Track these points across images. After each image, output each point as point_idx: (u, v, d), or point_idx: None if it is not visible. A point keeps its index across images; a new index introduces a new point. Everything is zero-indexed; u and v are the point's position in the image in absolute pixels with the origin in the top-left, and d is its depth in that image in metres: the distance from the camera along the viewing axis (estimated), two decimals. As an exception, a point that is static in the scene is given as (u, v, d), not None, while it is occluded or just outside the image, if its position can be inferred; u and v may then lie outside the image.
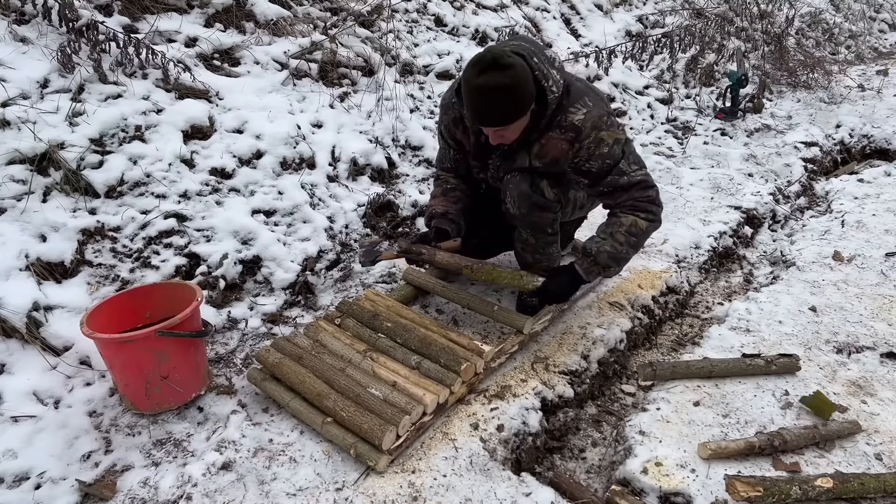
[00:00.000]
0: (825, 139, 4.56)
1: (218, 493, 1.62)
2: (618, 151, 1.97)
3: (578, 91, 1.97)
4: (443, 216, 2.27)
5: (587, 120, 1.93)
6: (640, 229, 2.06)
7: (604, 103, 2.01)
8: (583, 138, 1.94)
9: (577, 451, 2.00)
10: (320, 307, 2.47)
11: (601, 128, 1.95)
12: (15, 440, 1.70)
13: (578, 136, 1.94)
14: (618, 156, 1.98)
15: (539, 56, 1.87)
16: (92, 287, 2.14)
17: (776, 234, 3.44)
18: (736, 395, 1.98)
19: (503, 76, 1.74)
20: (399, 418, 1.70)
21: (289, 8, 3.60)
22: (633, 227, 2.05)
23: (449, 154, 2.32)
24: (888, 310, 2.44)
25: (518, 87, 1.78)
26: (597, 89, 2.12)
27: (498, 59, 1.75)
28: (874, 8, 8.40)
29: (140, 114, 2.60)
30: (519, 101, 1.82)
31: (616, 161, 1.98)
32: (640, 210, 2.05)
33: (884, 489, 1.60)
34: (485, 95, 1.78)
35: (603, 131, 1.95)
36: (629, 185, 2.02)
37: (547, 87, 1.86)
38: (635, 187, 2.02)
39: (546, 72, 1.86)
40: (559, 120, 1.95)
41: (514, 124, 1.88)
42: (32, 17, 2.70)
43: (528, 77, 1.81)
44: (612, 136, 1.96)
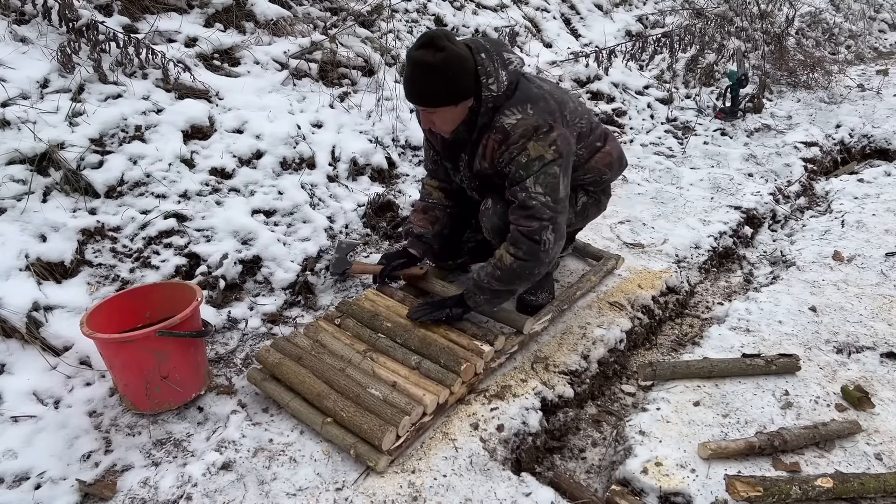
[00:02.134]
0: (825, 139, 4.56)
1: (218, 493, 1.62)
2: (534, 167, 1.87)
3: (525, 96, 1.90)
4: (418, 238, 2.30)
5: (518, 126, 1.86)
6: (504, 265, 1.97)
7: (551, 116, 1.89)
8: (510, 143, 1.88)
9: (577, 451, 2.00)
10: (320, 307, 2.47)
11: (530, 138, 1.86)
12: (15, 440, 1.70)
13: (506, 139, 1.89)
14: (531, 171, 1.87)
15: (491, 54, 1.84)
16: (92, 287, 2.14)
17: (776, 234, 3.44)
18: (736, 395, 1.98)
19: (433, 56, 1.74)
20: (399, 419, 1.70)
21: (289, 8, 3.60)
22: (499, 262, 1.98)
23: (429, 154, 2.30)
24: (888, 310, 2.44)
25: (446, 71, 1.75)
26: (560, 102, 1.98)
27: (436, 40, 1.75)
28: (874, 8, 8.39)
29: (140, 114, 2.60)
30: (444, 85, 1.78)
31: (527, 175, 1.88)
32: (512, 243, 1.95)
33: (884, 489, 1.60)
34: (414, 70, 1.78)
35: (531, 141, 1.86)
36: (522, 204, 1.91)
37: (485, 83, 1.83)
38: (525, 210, 1.91)
39: (491, 69, 1.83)
40: (495, 121, 1.90)
41: (440, 111, 1.85)
42: (32, 17, 2.70)
43: (466, 68, 1.79)
44: (537, 149, 1.86)
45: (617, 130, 4.47)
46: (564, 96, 2.07)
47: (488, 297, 2.08)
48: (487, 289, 2.04)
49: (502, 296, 2.09)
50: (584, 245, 2.83)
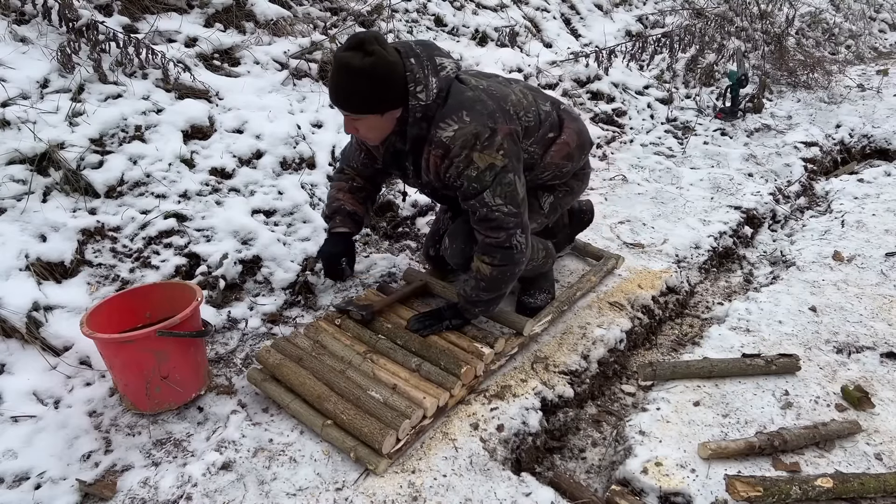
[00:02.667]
0: (825, 139, 4.56)
1: (218, 493, 1.62)
2: (487, 178, 1.78)
3: (458, 103, 1.77)
4: (350, 216, 2.22)
5: (457, 138, 1.75)
6: (485, 276, 1.94)
7: (491, 119, 1.78)
8: (452, 156, 1.77)
9: (577, 451, 2.00)
10: (320, 307, 2.47)
11: (473, 148, 1.75)
12: (15, 440, 1.70)
13: (447, 153, 1.78)
14: (486, 183, 1.79)
15: (421, 59, 1.72)
16: (92, 287, 2.14)
17: (776, 234, 3.44)
18: (736, 395, 1.98)
19: (361, 60, 1.63)
20: (399, 422, 1.70)
21: (289, 8, 3.60)
22: (478, 274, 1.96)
23: (358, 156, 2.18)
24: (888, 310, 2.44)
25: (373, 76, 1.64)
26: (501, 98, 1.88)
27: (365, 43, 1.64)
28: (874, 8, 8.39)
29: (140, 114, 2.60)
30: (368, 92, 1.68)
31: (482, 188, 1.80)
32: (485, 253, 1.92)
33: (884, 489, 1.60)
34: (338, 71, 1.67)
35: (475, 152, 1.75)
36: (484, 218, 1.85)
37: (413, 91, 1.71)
38: (489, 223, 1.86)
39: (420, 76, 1.71)
40: (431, 135, 1.78)
41: (364, 119, 1.75)
42: (32, 17, 2.70)
43: (395, 75, 1.68)
44: (485, 159, 1.76)
45: (617, 130, 4.47)
46: (505, 89, 1.94)
47: (483, 307, 2.08)
48: (478, 301, 2.04)
49: (495, 301, 2.08)
50: (584, 245, 2.83)
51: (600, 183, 3.72)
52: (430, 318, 2.13)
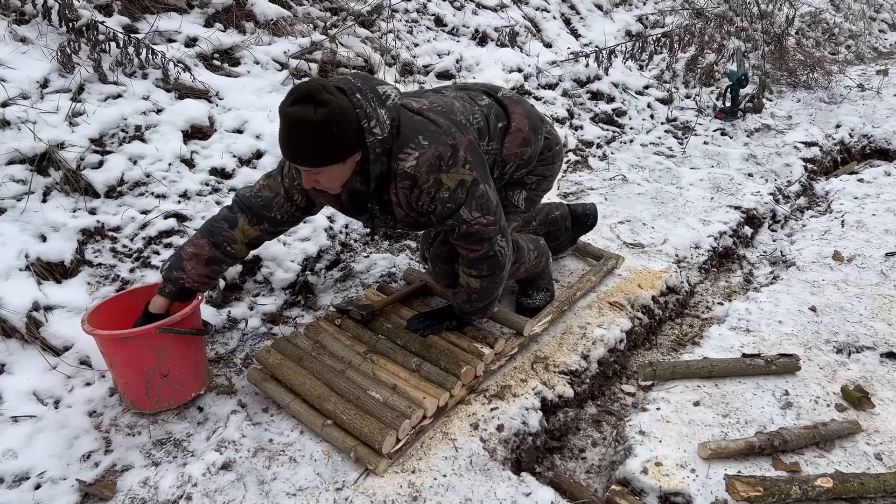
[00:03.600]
0: (825, 139, 4.56)
1: (218, 493, 1.62)
2: (460, 195, 1.74)
3: (410, 130, 1.70)
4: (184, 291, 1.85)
5: (421, 165, 1.68)
6: (475, 288, 1.95)
7: (447, 135, 1.72)
8: (420, 184, 1.70)
9: (577, 451, 2.00)
10: (320, 307, 2.47)
11: (440, 170, 1.70)
12: (15, 440, 1.70)
13: (415, 182, 1.70)
14: (460, 200, 1.74)
15: (365, 93, 1.63)
16: (92, 287, 2.14)
17: (776, 234, 3.44)
18: (736, 394, 1.98)
19: (314, 112, 1.52)
20: (399, 423, 1.70)
21: (289, 8, 3.60)
22: (468, 287, 1.97)
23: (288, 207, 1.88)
24: (888, 310, 2.44)
25: (330, 128, 1.54)
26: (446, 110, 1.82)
27: (314, 93, 1.52)
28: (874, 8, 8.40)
29: (140, 114, 2.60)
30: (330, 144, 1.57)
31: (458, 206, 1.75)
32: (470, 266, 1.91)
33: (884, 489, 1.60)
34: (293, 129, 1.56)
35: (442, 174, 1.70)
36: (464, 234, 1.81)
37: (368, 128, 1.61)
38: (469, 238, 1.82)
39: (370, 111, 1.61)
40: (394, 168, 1.70)
41: (325, 170, 1.63)
42: (32, 17, 2.70)
43: (349, 120, 1.57)
44: (453, 178, 1.71)
45: (617, 130, 4.47)
46: (445, 100, 1.88)
47: (479, 314, 2.09)
48: (473, 310, 2.05)
49: (490, 306, 2.07)
50: (584, 245, 2.83)
51: (600, 183, 3.72)
52: (430, 319, 2.13)
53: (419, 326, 2.10)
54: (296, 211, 1.90)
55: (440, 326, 2.10)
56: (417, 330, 2.09)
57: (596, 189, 3.63)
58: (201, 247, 1.84)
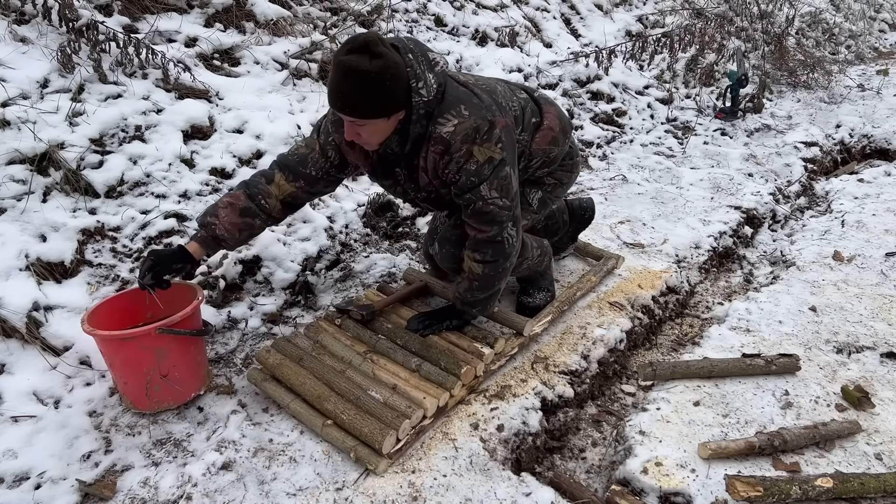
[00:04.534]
0: (825, 139, 4.56)
1: (218, 493, 1.62)
2: (486, 171, 1.77)
3: (455, 98, 1.75)
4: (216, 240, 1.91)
5: (458, 132, 1.72)
6: (477, 275, 1.95)
7: (488, 111, 1.77)
8: (453, 151, 1.74)
9: (577, 451, 2.00)
10: (320, 307, 2.47)
11: (474, 141, 1.73)
12: (15, 440, 1.70)
13: (448, 148, 1.74)
14: (483, 175, 1.77)
15: (417, 56, 1.67)
16: (92, 287, 2.14)
17: (776, 234, 3.44)
18: (736, 394, 1.98)
19: (370, 63, 1.54)
20: (399, 423, 1.70)
21: (289, 8, 3.60)
22: (470, 274, 1.97)
23: (323, 164, 1.94)
24: (888, 310, 2.44)
25: (383, 80, 1.57)
26: (491, 91, 1.88)
27: (371, 45, 1.55)
28: (874, 8, 8.39)
29: (140, 114, 2.60)
30: (380, 96, 1.60)
31: (480, 181, 1.78)
32: (475, 250, 1.92)
33: (884, 489, 1.60)
34: (346, 77, 1.57)
35: (475, 146, 1.73)
36: (479, 211, 1.83)
37: (415, 87, 1.66)
38: (482, 217, 1.84)
39: (419, 72, 1.66)
40: (431, 131, 1.74)
41: (370, 123, 1.66)
42: (32, 17, 2.70)
43: (400, 76, 1.61)
44: (484, 153, 1.75)
45: (617, 130, 4.47)
46: (490, 82, 1.95)
47: (480, 307, 2.09)
48: (474, 301, 2.05)
49: (491, 300, 2.08)
50: (584, 245, 2.83)
51: (600, 183, 3.72)
52: (430, 319, 2.13)
53: (419, 326, 2.10)
54: (329, 167, 1.96)
55: (440, 326, 2.10)
56: (417, 330, 2.08)
57: (596, 189, 3.63)
58: (237, 197, 1.93)
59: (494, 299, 2.10)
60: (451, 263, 2.10)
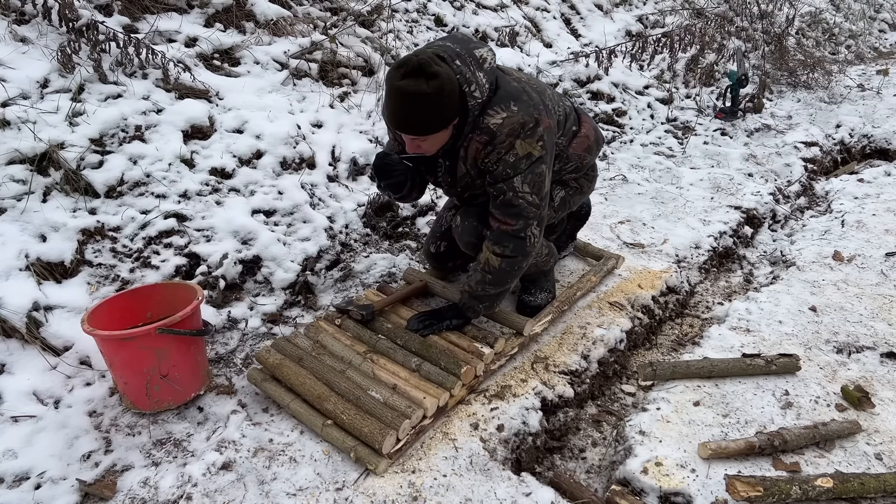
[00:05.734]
0: (825, 139, 4.56)
1: (218, 493, 1.62)
2: (522, 166, 1.83)
3: (507, 93, 1.83)
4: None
5: (505, 125, 1.80)
6: (493, 267, 1.97)
7: (536, 110, 1.84)
8: (496, 143, 1.82)
9: (577, 451, 2.00)
10: (320, 307, 2.47)
11: (518, 135, 1.81)
12: (15, 440, 1.70)
13: (493, 139, 1.82)
14: (520, 169, 1.84)
15: (464, 58, 1.75)
16: (92, 287, 2.14)
17: (776, 233, 3.44)
18: (736, 394, 1.98)
19: (426, 85, 1.63)
20: (399, 422, 1.70)
21: (289, 8, 3.60)
22: (486, 266, 1.98)
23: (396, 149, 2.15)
24: (888, 310, 2.44)
25: (441, 99, 1.67)
26: (540, 91, 1.95)
27: (424, 66, 1.63)
28: (874, 8, 8.40)
29: (140, 114, 2.60)
30: (440, 113, 1.71)
31: (515, 173, 1.84)
32: (496, 242, 1.94)
33: (884, 489, 1.60)
34: (405, 101, 1.67)
35: (518, 139, 1.81)
36: (507, 202, 1.88)
37: (469, 92, 1.74)
38: (509, 209, 1.89)
39: (469, 76, 1.74)
40: (479, 121, 1.83)
41: (433, 136, 1.77)
42: (32, 17, 2.70)
43: (454, 89, 1.70)
44: (525, 147, 1.82)
45: (617, 130, 4.47)
46: (541, 84, 2.03)
47: (487, 303, 2.10)
48: (483, 295, 2.06)
49: (500, 297, 2.10)
50: (584, 245, 2.83)
51: (600, 183, 3.72)
52: (430, 318, 2.13)
53: (419, 326, 2.10)
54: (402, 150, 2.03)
55: (440, 326, 2.10)
56: (417, 329, 2.09)
57: (596, 189, 3.63)
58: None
59: (502, 298, 2.12)
60: (471, 237, 2.09)
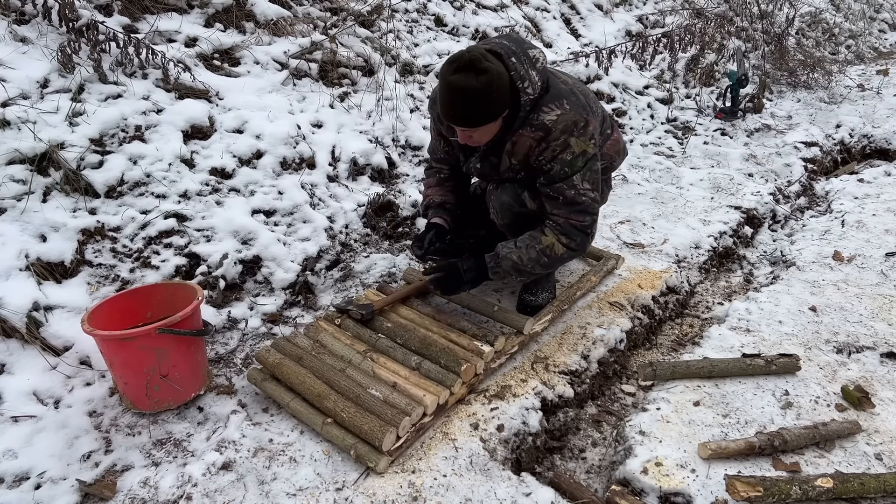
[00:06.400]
0: (825, 139, 4.56)
1: (218, 493, 1.62)
2: (579, 163, 1.92)
3: (558, 92, 1.92)
4: (440, 206, 2.29)
5: (559, 122, 1.87)
6: (555, 254, 2.03)
7: (584, 111, 1.93)
8: (551, 139, 1.89)
9: (577, 451, 2.00)
10: (320, 307, 2.47)
11: (572, 133, 1.89)
12: (15, 440, 1.70)
13: (547, 136, 1.89)
14: (577, 167, 1.92)
15: (519, 56, 1.83)
16: (92, 287, 2.14)
17: (776, 234, 3.44)
18: (736, 395, 1.98)
19: (476, 80, 1.72)
20: (399, 420, 1.70)
21: (289, 8, 3.60)
22: (548, 250, 2.02)
23: (440, 145, 2.29)
24: (888, 310, 2.44)
25: (490, 93, 1.75)
26: (585, 94, 2.05)
27: (475, 62, 1.72)
28: (874, 8, 8.39)
29: (140, 114, 2.60)
30: (489, 107, 1.79)
31: (573, 171, 1.92)
32: (564, 233, 2.00)
33: (884, 489, 1.60)
34: (456, 95, 1.76)
35: (573, 137, 1.89)
36: (571, 201, 1.96)
37: (522, 88, 1.83)
38: (575, 207, 1.97)
39: (523, 73, 1.83)
40: (532, 118, 1.90)
41: (483, 128, 1.86)
42: (32, 17, 2.70)
43: (504, 83, 1.78)
44: (580, 145, 1.90)
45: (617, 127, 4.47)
46: (585, 88, 2.12)
47: (525, 277, 2.19)
48: (529, 272, 2.09)
49: (538, 276, 2.20)
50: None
51: (600, 183, 3.72)
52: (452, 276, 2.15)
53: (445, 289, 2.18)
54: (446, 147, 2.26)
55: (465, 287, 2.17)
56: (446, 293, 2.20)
57: (596, 189, 3.63)
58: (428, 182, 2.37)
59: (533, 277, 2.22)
60: (509, 198, 2.13)
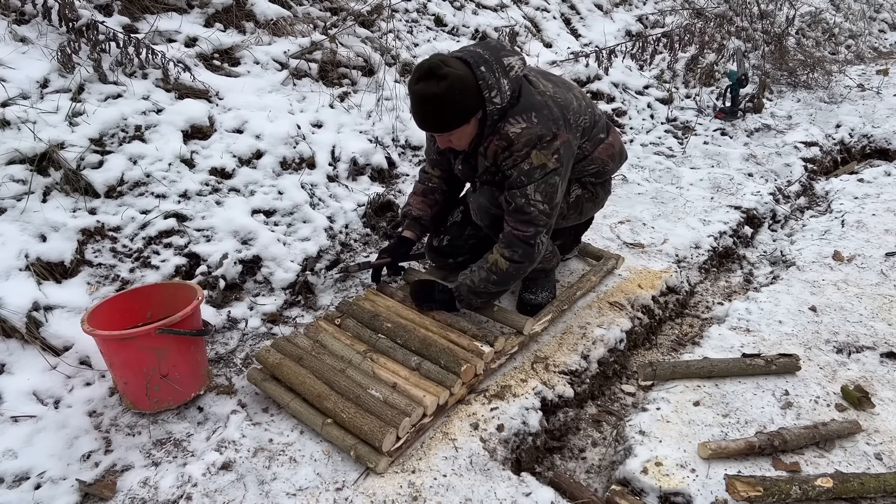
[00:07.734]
0: (825, 139, 4.56)
1: (218, 493, 1.62)
2: (536, 175, 1.93)
3: (529, 104, 1.93)
4: (416, 220, 2.37)
5: (522, 135, 1.89)
6: (500, 270, 2.05)
7: (555, 124, 1.93)
8: (514, 150, 1.92)
9: (577, 451, 2.00)
10: (320, 307, 2.47)
11: (535, 146, 1.91)
12: (15, 440, 1.70)
13: (510, 146, 1.92)
14: (534, 178, 1.93)
15: (490, 64, 1.85)
16: (92, 287, 2.14)
17: (776, 233, 3.44)
18: (736, 394, 1.98)
19: (437, 86, 1.77)
20: (399, 420, 1.70)
21: (289, 8, 3.60)
22: (494, 266, 2.06)
23: (432, 146, 2.31)
24: (888, 310, 2.44)
25: (453, 96, 1.79)
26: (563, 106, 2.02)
27: (434, 69, 1.77)
28: (874, 8, 8.39)
29: (140, 114, 2.60)
30: (453, 110, 1.83)
31: (529, 181, 1.94)
32: (507, 246, 2.02)
33: (884, 489, 1.60)
34: (420, 102, 1.83)
35: (535, 150, 1.91)
36: (519, 209, 1.97)
37: (488, 97, 1.85)
38: (521, 216, 1.98)
39: (492, 82, 1.84)
40: (500, 126, 1.93)
41: (456, 132, 1.90)
42: (32, 17, 2.70)
43: (469, 87, 1.81)
44: (540, 158, 1.92)
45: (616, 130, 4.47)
46: (567, 96, 2.08)
47: (484, 299, 2.18)
48: (483, 292, 2.13)
49: (497, 296, 2.21)
50: (584, 245, 2.83)
51: (600, 183, 3.72)
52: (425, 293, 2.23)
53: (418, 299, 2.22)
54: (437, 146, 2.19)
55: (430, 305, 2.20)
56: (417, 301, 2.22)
57: (596, 189, 3.63)
58: (416, 187, 2.41)
59: (498, 297, 2.21)
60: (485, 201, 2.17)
